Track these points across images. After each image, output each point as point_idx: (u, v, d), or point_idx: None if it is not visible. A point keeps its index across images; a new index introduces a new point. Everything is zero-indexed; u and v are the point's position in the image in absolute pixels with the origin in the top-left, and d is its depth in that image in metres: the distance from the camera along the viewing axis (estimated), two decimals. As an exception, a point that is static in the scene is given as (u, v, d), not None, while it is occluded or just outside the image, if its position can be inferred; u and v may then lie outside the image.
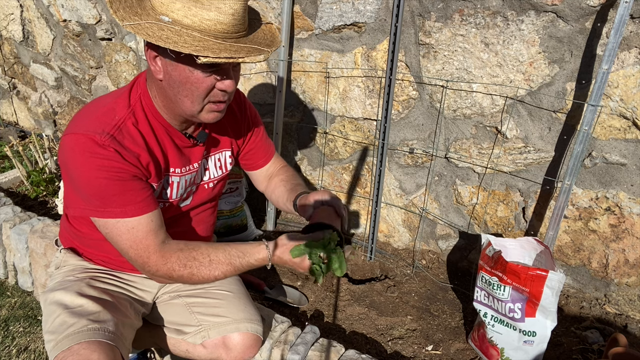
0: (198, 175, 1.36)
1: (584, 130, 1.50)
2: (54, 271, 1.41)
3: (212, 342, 1.32)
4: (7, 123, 3.80)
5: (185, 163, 1.29)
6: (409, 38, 1.87)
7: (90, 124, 1.10)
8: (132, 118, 1.16)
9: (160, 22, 1.01)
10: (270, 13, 2.13)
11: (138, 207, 1.13)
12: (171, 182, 1.27)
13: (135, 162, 1.13)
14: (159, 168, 1.21)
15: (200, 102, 1.12)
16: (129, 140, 1.13)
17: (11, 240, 2.02)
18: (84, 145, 1.07)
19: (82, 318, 1.16)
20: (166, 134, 1.23)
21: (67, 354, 1.08)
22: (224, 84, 1.10)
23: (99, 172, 1.08)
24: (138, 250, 1.15)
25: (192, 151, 1.30)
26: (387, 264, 2.16)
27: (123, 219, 1.12)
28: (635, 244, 1.72)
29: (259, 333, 1.36)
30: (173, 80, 1.10)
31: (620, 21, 1.36)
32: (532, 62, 1.67)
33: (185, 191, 1.33)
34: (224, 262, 1.18)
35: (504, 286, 1.48)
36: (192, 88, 1.09)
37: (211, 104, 1.14)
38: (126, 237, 1.14)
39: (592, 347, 1.66)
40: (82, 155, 1.08)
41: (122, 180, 1.10)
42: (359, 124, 2.14)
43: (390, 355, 1.67)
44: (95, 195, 1.10)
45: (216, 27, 1.01)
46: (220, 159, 1.41)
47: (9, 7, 3.28)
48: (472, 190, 1.98)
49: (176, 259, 1.16)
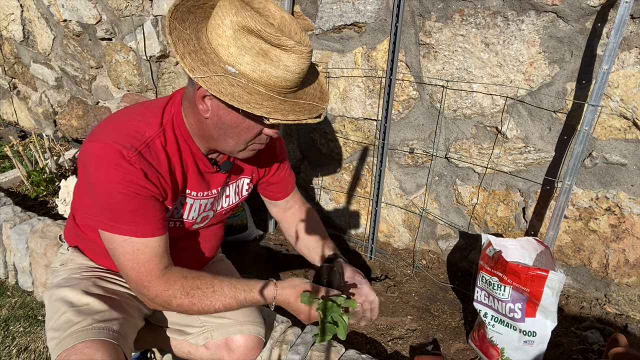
0: (217, 202, 1.34)
1: (584, 130, 1.50)
2: (58, 267, 1.41)
3: (215, 343, 1.32)
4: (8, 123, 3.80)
5: (204, 188, 1.27)
6: (409, 38, 1.87)
7: (119, 136, 1.08)
8: (162, 137, 1.14)
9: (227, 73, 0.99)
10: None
11: (149, 229, 1.11)
12: (185, 202, 1.25)
13: (157, 183, 1.11)
14: (176, 190, 1.20)
15: (245, 144, 1.14)
16: (154, 160, 1.11)
17: (11, 240, 2.02)
18: (109, 156, 1.05)
19: (88, 317, 1.16)
20: (191, 157, 1.21)
21: (71, 352, 1.08)
22: (272, 131, 1.12)
23: (119, 186, 1.06)
24: (140, 273, 1.13)
25: (213, 177, 1.29)
26: (387, 264, 2.16)
27: (131, 237, 1.10)
28: (635, 244, 1.72)
29: (261, 335, 1.36)
30: (222, 122, 1.09)
31: (621, 21, 1.36)
32: (533, 62, 1.67)
33: (200, 215, 1.31)
34: (228, 295, 1.16)
35: (504, 286, 1.48)
36: (242, 133, 1.10)
37: (254, 146, 1.16)
38: (130, 257, 1.11)
39: (592, 347, 1.66)
40: (106, 165, 1.05)
41: (141, 198, 1.09)
42: (359, 124, 2.14)
43: (390, 355, 1.67)
44: (110, 208, 1.08)
45: (281, 83, 1.02)
46: (239, 185, 1.41)
47: (9, 7, 3.28)
48: (472, 190, 1.98)
49: (179, 287, 1.14)
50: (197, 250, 1.42)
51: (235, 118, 1.07)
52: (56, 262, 1.44)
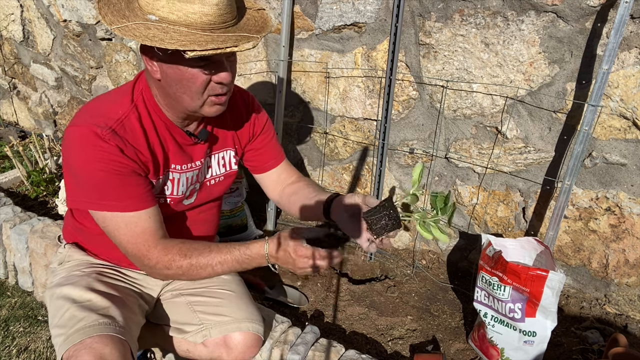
0: (201, 173, 1.35)
1: (584, 130, 1.50)
2: (56, 267, 1.41)
3: (213, 341, 1.32)
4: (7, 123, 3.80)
5: (186, 160, 1.29)
6: (409, 38, 1.87)
7: (93, 118, 1.12)
8: (135, 113, 1.17)
9: (147, 21, 1.02)
10: (271, 13, 2.13)
11: (135, 202, 1.13)
12: (172, 178, 1.27)
13: (134, 158, 1.14)
14: (158, 164, 1.22)
15: (200, 97, 1.13)
16: (130, 135, 1.14)
17: (11, 240, 2.02)
18: (86, 137, 1.09)
19: (92, 313, 1.17)
20: (167, 131, 1.23)
21: (80, 347, 1.08)
22: (219, 76, 1.10)
23: (99, 164, 1.09)
24: (137, 244, 1.15)
25: (193, 149, 1.30)
26: (387, 264, 2.16)
27: (120, 213, 1.13)
28: (635, 244, 1.72)
29: (259, 333, 1.35)
30: (170, 78, 1.10)
31: (621, 21, 1.36)
32: (532, 62, 1.67)
33: (188, 189, 1.33)
34: (224, 251, 1.18)
35: (504, 286, 1.48)
36: (189, 84, 1.10)
37: (212, 97, 1.14)
38: (124, 231, 1.14)
39: (592, 347, 1.66)
40: (83, 147, 1.09)
41: (121, 174, 1.11)
42: (359, 124, 2.14)
43: (390, 355, 1.67)
44: (94, 187, 1.11)
45: (202, 19, 1.01)
46: (225, 157, 1.41)
47: (9, 7, 3.28)
48: (472, 190, 1.98)
49: (177, 250, 1.17)
50: (193, 235, 1.43)
51: (177, 70, 1.07)
52: (55, 262, 1.44)
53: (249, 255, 1.18)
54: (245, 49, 1.04)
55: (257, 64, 2.29)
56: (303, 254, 1.14)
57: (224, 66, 1.10)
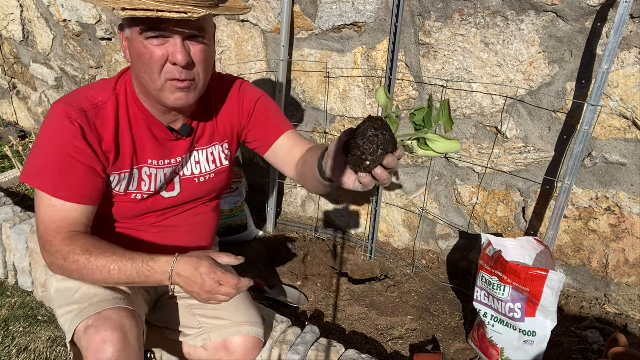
0: (180, 167, 1.30)
1: (584, 130, 1.50)
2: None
3: (213, 344, 1.31)
4: (7, 123, 3.79)
5: (165, 156, 1.25)
6: (409, 38, 1.87)
7: (71, 98, 1.13)
8: (114, 102, 1.16)
9: None
10: (270, 13, 2.13)
11: (69, 194, 1.11)
12: (149, 173, 1.24)
13: (95, 145, 1.12)
14: (123, 157, 1.18)
15: (157, 77, 1.07)
16: (100, 121, 1.13)
17: (11, 240, 2.02)
18: (56, 113, 1.10)
19: (106, 289, 1.17)
20: (145, 124, 1.20)
21: (97, 318, 1.08)
22: (173, 56, 1.04)
23: (55, 141, 1.09)
24: (48, 227, 1.11)
25: (175, 144, 1.26)
26: (387, 264, 2.16)
27: (49, 195, 1.10)
28: (635, 244, 1.72)
29: (260, 336, 1.34)
30: (133, 56, 1.09)
31: (620, 21, 1.36)
32: (532, 62, 1.67)
33: (166, 183, 1.29)
34: (127, 257, 1.09)
35: (504, 286, 1.48)
36: (145, 61, 1.06)
37: (171, 82, 1.08)
38: (44, 210, 1.11)
39: (592, 347, 1.66)
40: (51, 121, 1.11)
41: (72, 159, 1.10)
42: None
43: (390, 355, 1.67)
44: (42, 160, 1.11)
45: None
46: (214, 152, 1.35)
47: (9, 7, 3.28)
48: (472, 190, 1.98)
49: (82, 244, 1.10)
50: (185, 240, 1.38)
51: (136, 45, 1.05)
52: None
53: (151, 267, 1.08)
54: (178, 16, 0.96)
55: (257, 64, 2.29)
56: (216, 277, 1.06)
57: (179, 45, 1.04)
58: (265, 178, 2.43)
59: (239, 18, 2.25)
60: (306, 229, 2.39)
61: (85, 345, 1.06)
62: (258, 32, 2.22)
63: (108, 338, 1.05)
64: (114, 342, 1.05)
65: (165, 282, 1.09)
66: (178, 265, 1.08)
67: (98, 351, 1.04)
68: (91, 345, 1.05)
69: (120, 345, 1.05)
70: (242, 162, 2.31)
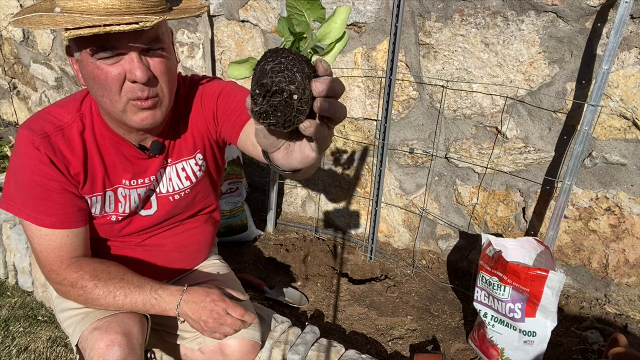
0: (155, 184, 1.25)
1: (584, 130, 1.50)
2: None
3: (209, 348, 1.29)
4: (7, 123, 3.79)
5: (137, 175, 1.20)
6: (409, 38, 1.87)
7: (35, 121, 1.09)
8: (79, 123, 1.11)
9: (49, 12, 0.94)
10: (270, 13, 2.13)
11: (55, 221, 1.09)
12: (125, 194, 1.20)
13: (63, 169, 1.08)
14: (94, 180, 1.14)
15: (118, 98, 0.99)
16: (65, 145, 1.08)
17: (11, 240, 2.02)
18: (21, 141, 1.07)
19: None
20: (112, 145, 1.15)
21: (106, 320, 1.08)
22: (131, 73, 0.95)
23: (26, 172, 1.07)
24: (49, 258, 1.10)
25: (147, 163, 1.20)
26: (387, 264, 2.16)
27: (38, 226, 1.09)
28: (635, 244, 1.72)
29: (256, 339, 1.32)
30: (87, 80, 1.01)
31: (620, 21, 1.36)
32: (532, 62, 1.67)
33: (142, 202, 1.25)
34: (136, 284, 1.10)
35: (504, 286, 1.48)
36: (101, 83, 0.97)
37: (133, 102, 1.00)
38: (38, 241, 1.10)
39: (592, 347, 1.66)
40: (18, 150, 1.08)
41: (46, 188, 1.07)
42: (359, 124, 2.14)
43: (390, 355, 1.67)
44: (20, 191, 1.09)
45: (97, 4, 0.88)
46: (185, 168, 1.26)
47: (9, 7, 3.28)
48: (472, 190, 1.98)
49: (91, 270, 1.10)
50: (170, 253, 1.35)
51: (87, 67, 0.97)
52: None
53: (159, 295, 1.09)
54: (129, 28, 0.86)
55: (257, 64, 2.29)
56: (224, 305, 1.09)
57: (136, 60, 0.95)
58: (265, 178, 2.43)
59: (239, 18, 2.24)
60: (306, 229, 2.39)
61: (90, 346, 1.06)
62: (258, 32, 2.22)
63: (116, 341, 1.05)
64: (122, 345, 1.05)
65: (172, 311, 1.09)
66: (187, 293, 1.09)
67: (105, 353, 1.04)
68: (98, 346, 1.05)
69: (127, 350, 1.05)
70: (242, 162, 2.31)
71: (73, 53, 1.01)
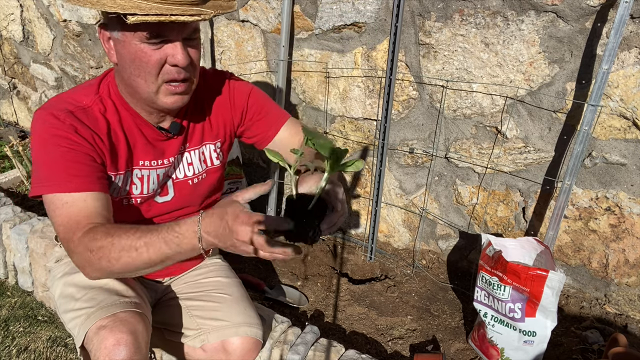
0: (172, 169, 1.29)
1: (584, 130, 1.50)
2: (53, 265, 1.40)
3: (212, 346, 1.30)
4: (7, 123, 3.79)
5: (157, 156, 1.23)
6: (409, 38, 1.87)
7: (55, 104, 1.11)
8: (100, 105, 1.14)
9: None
10: (271, 13, 2.13)
11: (81, 182, 1.06)
12: (141, 175, 1.22)
13: (90, 140, 1.09)
14: (118, 158, 1.17)
15: (154, 80, 1.06)
16: (91, 122, 1.11)
17: (11, 240, 2.02)
18: (44, 117, 1.09)
19: (112, 294, 1.16)
20: (135, 125, 1.19)
21: (112, 319, 1.07)
22: (174, 57, 1.03)
23: (51, 140, 1.07)
24: (67, 225, 1.06)
25: (166, 144, 1.25)
26: (387, 264, 2.16)
27: (60, 194, 1.06)
28: (635, 244, 1.72)
29: (258, 337, 1.33)
30: (124, 59, 1.06)
31: (620, 21, 1.36)
32: (532, 62, 1.67)
33: (159, 185, 1.27)
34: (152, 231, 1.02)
35: (504, 286, 1.48)
36: (142, 64, 1.04)
37: (167, 85, 1.08)
38: (59, 212, 1.06)
39: (592, 347, 1.66)
40: (40, 126, 1.09)
41: (72, 151, 1.07)
42: (359, 124, 2.14)
43: (390, 355, 1.67)
44: (45, 165, 1.08)
45: None
46: (205, 152, 1.33)
47: (9, 7, 3.28)
48: (472, 190, 1.98)
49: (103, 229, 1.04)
50: None
51: (130, 47, 1.03)
52: (51, 260, 1.43)
53: (177, 232, 0.99)
54: (193, 19, 0.97)
55: (257, 64, 2.29)
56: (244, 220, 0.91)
57: (180, 48, 1.03)
58: (265, 178, 2.43)
59: (239, 17, 2.25)
60: (306, 229, 2.38)
61: (97, 345, 1.05)
62: (258, 32, 2.22)
63: (122, 340, 1.04)
64: (129, 344, 1.05)
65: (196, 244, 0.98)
66: (204, 222, 0.97)
67: (111, 353, 1.03)
68: (104, 346, 1.04)
69: (133, 349, 1.05)
70: (242, 162, 2.31)
71: (111, 30, 1.05)
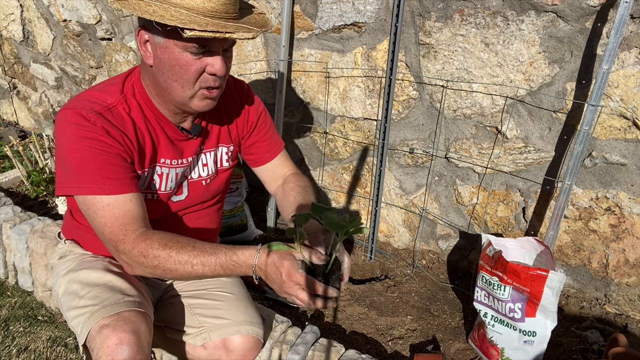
0: (188, 169, 1.33)
1: (584, 130, 1.50)
2: (56, 261, 1.40)
3: (213, 344, 1.31)
4: (7, 123, 3.80)
5: (177, 155, 1.27)
6: (409, 38, 1.87)
7: (79, 103, 1.12)
8: (124, 104, 1.16)
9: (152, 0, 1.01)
10: (271, 13, 2.13)
11: (117, 184, 1.09)
12: (160, 172, 1.25)
13: (120, 141, 1.12)
14: (144, 155, 1.19)
15: (191, 86, 1.11)
16: (118, 121, 1.13)
17: (11, 240, 2.02)
18: (71, 118, 1.09)
19: (116, 292, 1.16)
20: (158, 124, 1.22)
21: (115, 318, 1.08)
22: (214, 67, 1.08)
23: (83, 142, 1.08)
24: (114, 227, 1.08)
25: (186, 144, 1.28)
26: (387, 264, 2.16)
27: (100, 195, 1.08)
28: (635, 244, 1.72)
29: (259, 336, 1.34)
30: (163, 64, 1.09)
31: (620, 21, 1.36)
32: (532, 62, 1.67)
33: (176, 184, 1.30)
34: (208, 252, 1.08)
35: (504, 286, 1.48)
36: (182, 71, 1.08)
37: (203, 90, 1.12)
38: (102, 213, 1.08)
39: (592, 347, 1.66)
40: (69, 127, 1.09)
41: (105, 153, 1.09)
42: (359, 124, 2.14)
43: (390, 355, 1.67)
44: (77, 167, 1.09)
45: (204, 5, 1.01)
46: (218, 154, 1.38)
47: (9, 7, 3.28)
48: (472, 190, 1.98)
49: (158, 239, 1.09)
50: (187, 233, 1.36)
51: (171, 54, 1.06)
52: (54, 257, 1.44)
53: (235, 262, 1.08)
54: (245, 37, 1.03)
55: (257, 64, 2.29)
56: (296, 280, 1.03)
57: (220, 59, 1.09)
58: (265, 178, 2.42)
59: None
60: (306, 229, 2.38)
61: (99, 344, 1.05)
62: (258, 32, 2.22)
63: (125, 340, 1.05)
64: (131, 344, 1.05)
65: (250, 274, 1.09)
66: (260, 260, 1.07)
67: (114, 352, 1.03)
68: (107, 345, 1.04)
69: (136, 348, 1.05)
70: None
71: (154, 34, 1.07)
